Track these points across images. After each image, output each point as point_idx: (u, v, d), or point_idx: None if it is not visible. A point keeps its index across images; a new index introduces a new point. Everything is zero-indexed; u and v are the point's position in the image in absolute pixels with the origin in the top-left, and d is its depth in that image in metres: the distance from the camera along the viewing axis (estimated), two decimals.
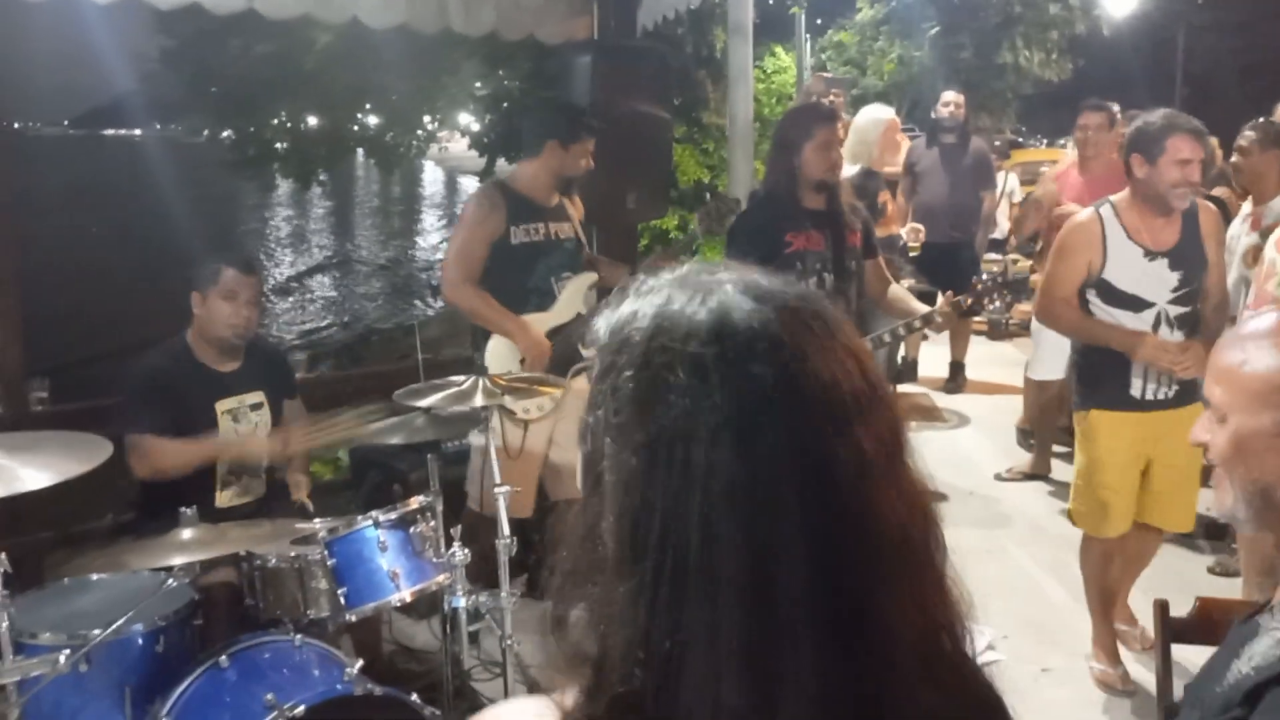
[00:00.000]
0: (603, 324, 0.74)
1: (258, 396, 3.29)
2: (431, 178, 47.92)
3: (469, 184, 40.73)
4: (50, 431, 2.55)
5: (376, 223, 33.83)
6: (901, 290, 3.84)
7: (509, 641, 2.75)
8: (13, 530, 2.25)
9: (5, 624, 2.23)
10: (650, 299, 0.73)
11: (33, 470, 2.21)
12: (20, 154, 3.47)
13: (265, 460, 3.25)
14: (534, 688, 3.24)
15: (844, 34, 16.42)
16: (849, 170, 4.77)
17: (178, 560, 2.52)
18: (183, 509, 2.50)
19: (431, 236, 28.66)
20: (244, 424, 3.24)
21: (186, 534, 2.46)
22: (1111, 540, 3.33)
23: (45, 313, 3.34)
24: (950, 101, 6.46)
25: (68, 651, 2.29)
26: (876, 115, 5.41)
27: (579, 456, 0.75)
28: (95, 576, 2.71)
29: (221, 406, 3.21)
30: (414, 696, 2.40)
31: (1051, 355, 4.95)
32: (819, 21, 16.85)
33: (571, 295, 3.72)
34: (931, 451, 5.38)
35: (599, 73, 3.92)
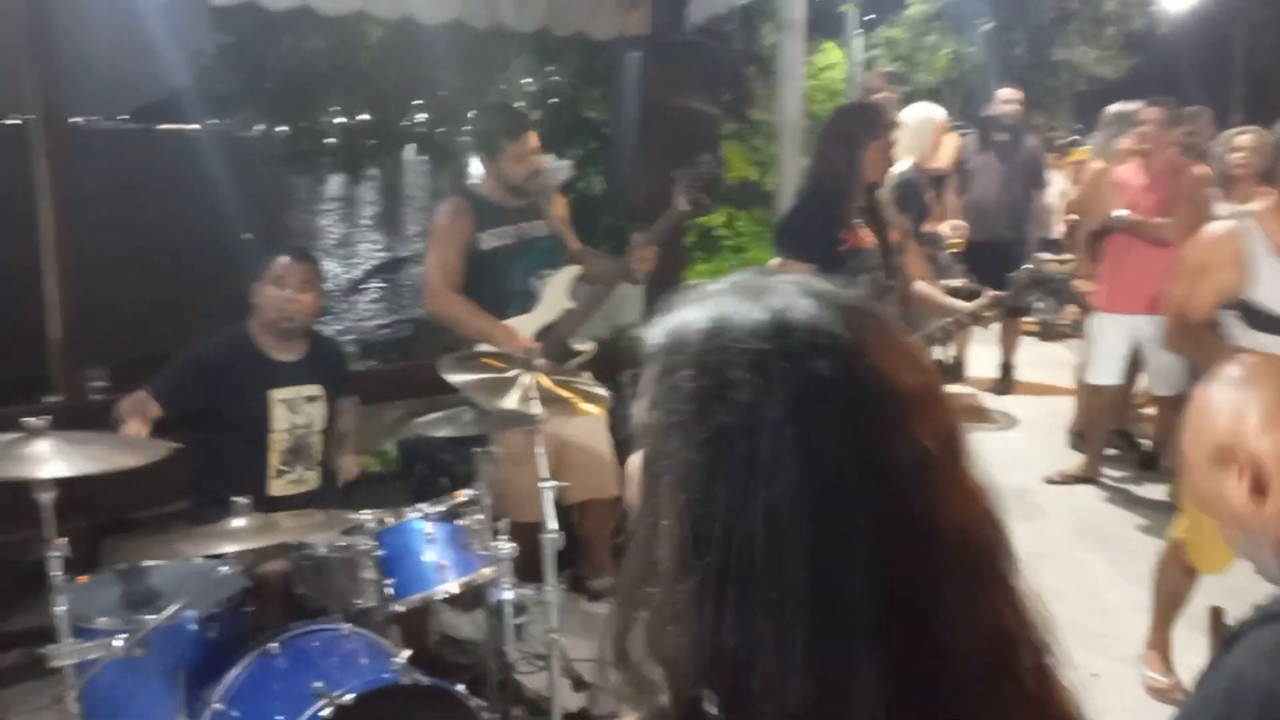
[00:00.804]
0: (659, 327, 0.74)
1: (315, 389, 3.33)
2: (479, 172, 48.13)
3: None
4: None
5: (423, 217, 34.06)
6: (928, 286, 3.80)
7: (554, 635, 2.77)
8: (71, 516, 2.30)
9: (65, 608, 2.29)
10: (708, 301, 0.73)
11: (93, 457, 2.26)
12: (80, 148, 3.55)
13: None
14: (578, 683, 3.26)
15: (895, 29, 16.28)
16: (901, 165, 4.73)
17: (230, 548, 2.57)
18: (236, 498, 2.54)
19: None
20: (299, 414, 3.28)
21: (239, 523, 2.50)
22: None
23: (102, 302, 3.41)
24: (1010, 99, 6.38)
25: (124, 636, 2.35)
26: (928, 114, 5.36)
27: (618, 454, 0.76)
28: (150, 563, 2.76)
29: (277, 395, 3.25)
30: (460, 688, 2.42)
31: (1106, 359, 4.87)
32: (870, 17, 16.71)
33: (554, 292, 3.74)
34: (979, 453, 5.31)
35: (649, 69, 3.91)
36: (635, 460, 0.75)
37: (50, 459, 2.21)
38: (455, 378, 2.84)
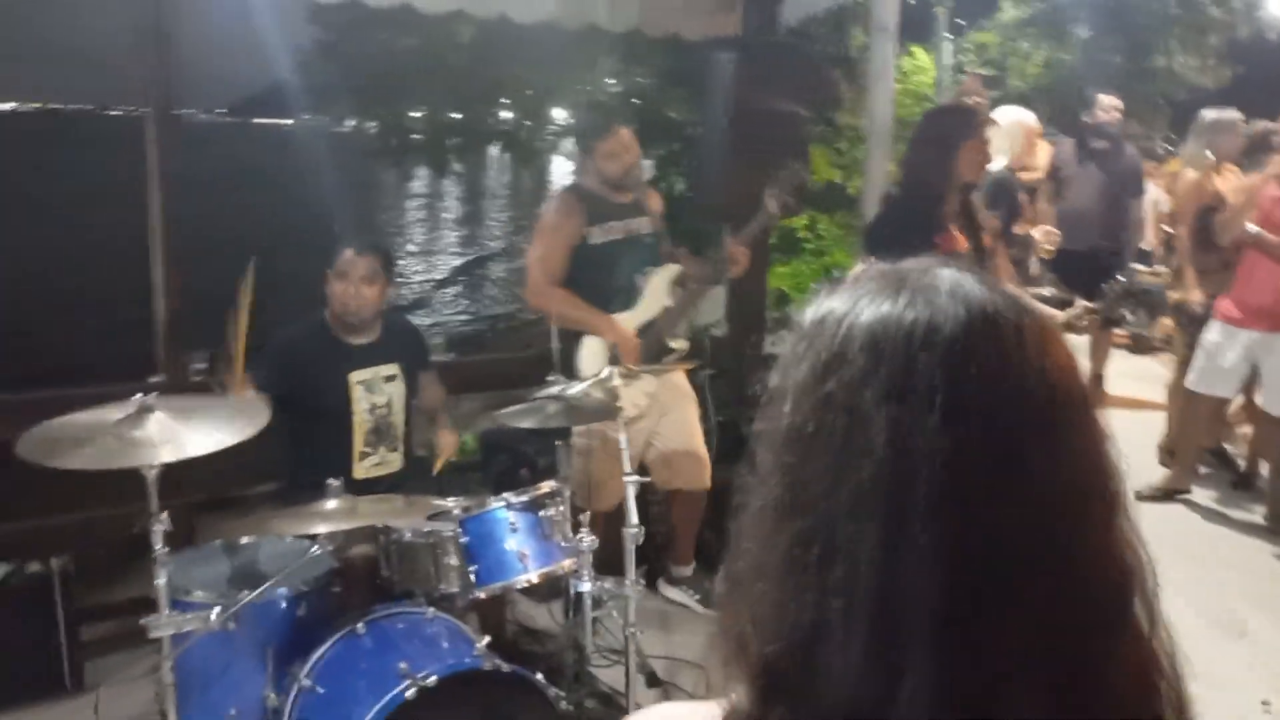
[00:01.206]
0: (806, 310, 0.73)
1: (392, 369, 3.40)
2: (561, 171, 48.59)
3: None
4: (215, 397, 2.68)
5: (504, 214, 34.50)
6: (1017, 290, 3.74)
7: (631, 629, 2.79)
8: (169, 493, 2.39)
9: (164, 580, 2.38)
10: (854, 290, 0.72)
11: (200, 435, 2.34)
12: (183, 139, 3.68)
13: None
14: (652, 678, 3.28)
15: (986, 34, 15.99)
16: (994, 165, 4.66)
17: (321, 529, 2.65)
18: (330, 480, 2.62)
19: None
20: (378, 395, 3.36)
21: (331, 504, 2.57)
22: None
23: (202, 289, 3.54)
24: (1111, 107, 6.23)
25: (218, 609, 2.43)
26: (1020, 117, 5.27)
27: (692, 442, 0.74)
28: (244, 540, 2.85)
29: (355, 377, 3.33)
30: (539, 676, 2.45)
31: (1217, 371, 4.75)
32: (960, 21, 16.44)
33: (655, 290, 3.75)
34: None
35: (740, 70, 3.91)
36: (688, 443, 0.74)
37: (161, 436, 2.29)
38: (565, 393, 2.92)
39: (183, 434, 2.34)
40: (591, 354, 3.69)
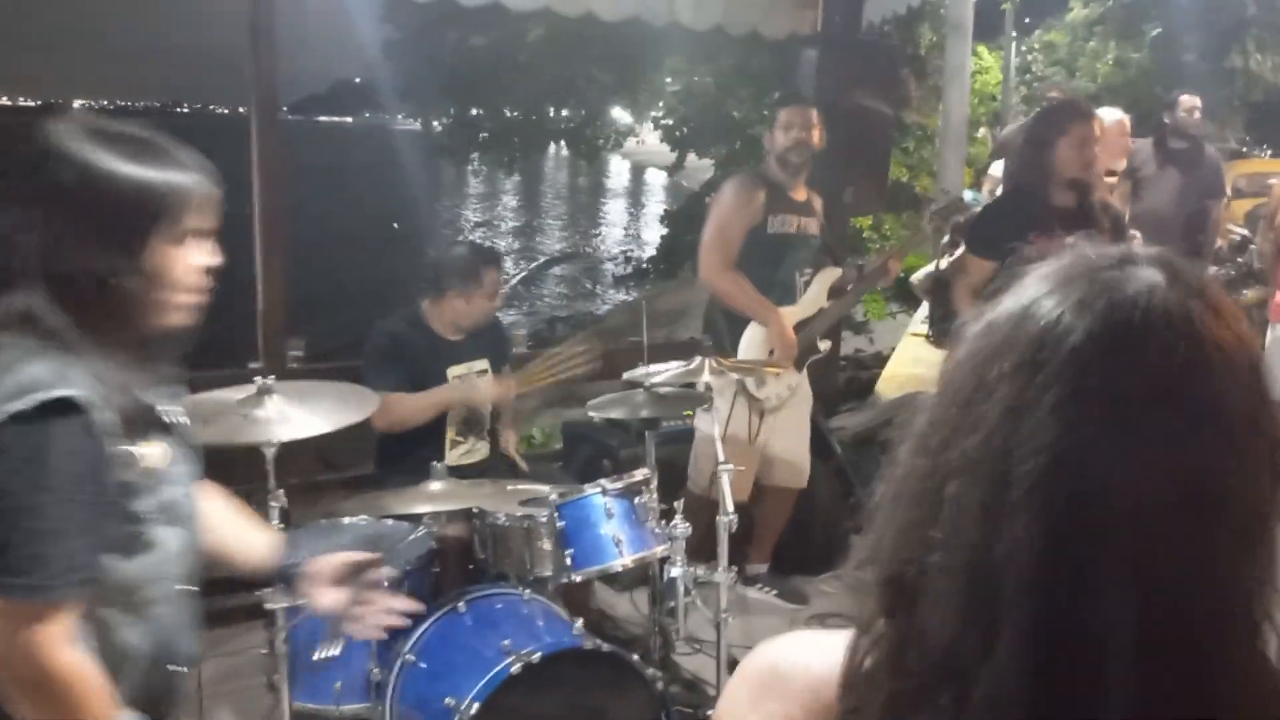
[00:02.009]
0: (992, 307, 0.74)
1: (483, 364, 3.51)
2: (617, 169, 48.75)
3: (654, 177, 41.34)
4: (328, 383, 2.78)
5: (563, 212, 34.74)
6: None
7: (724, 615, 2.84)
8: (264, 475, 2.50)
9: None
10: (1040, 274, 0.73)
11: (313, 417, 2.44)
12: (247, 136, 3.82)
13: (488, 402, 3.46)
14: (735, 667, 3.32)
15: (1054, 34, 15.79)
16: None
17: (422, 510, 2.74)
18: (434, 463, 2.70)
19: (615, 229, 29.23)
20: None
21: (436, 486, 2.65)
22: None
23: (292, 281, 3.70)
24: (1191, 106, 6.14)
25: None
26: (1107, 116, 5.22)
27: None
28: (346, 520, 2.95)
29: (452, 372, 3.43)
30: (635, 657, 2.51)
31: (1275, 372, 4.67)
32: (1027, 20, 16.26)
33: (818, 290, 3.80)
34: None
35: (825, 66, 3.95)
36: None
37: (280, 416, 2.39)
38: (651, 380, 2.98)
39: (299, 415, 2.44)
40: (753, 341, 3.73)
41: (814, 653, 0.80)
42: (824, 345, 3.80)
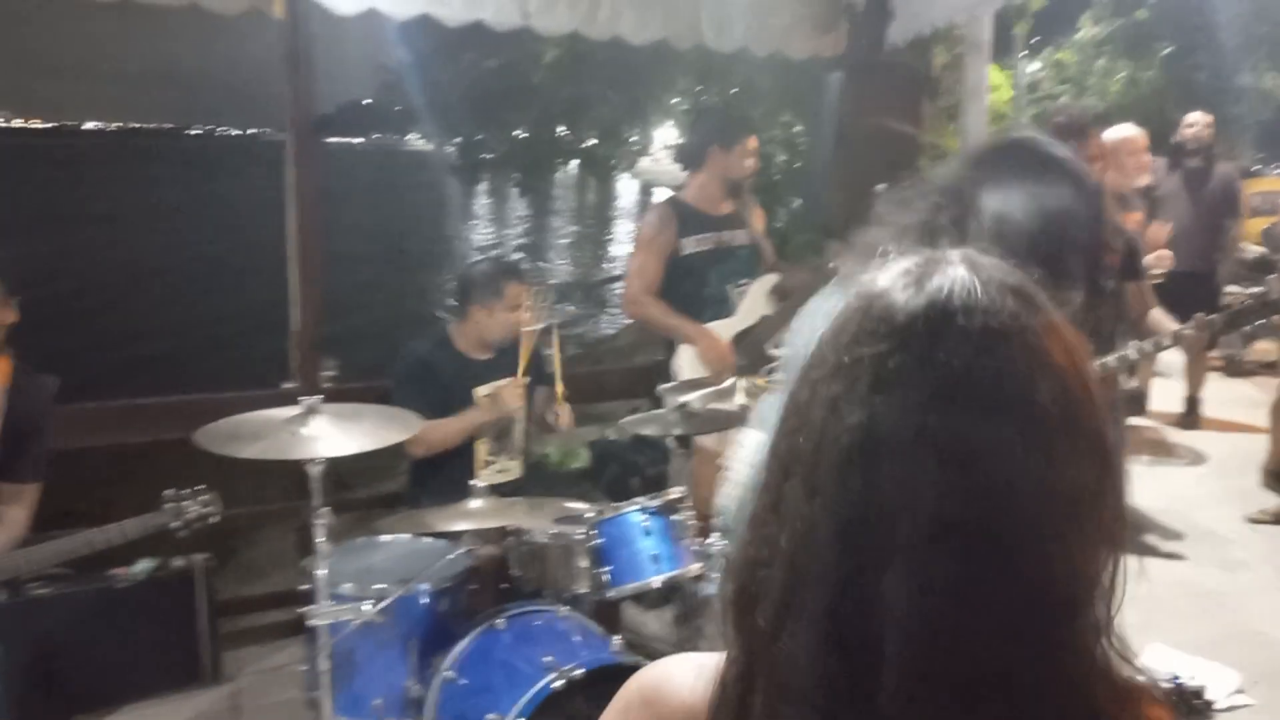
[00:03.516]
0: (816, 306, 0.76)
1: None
2: (627, 189, 48.87)
3: (664, 196, 41.33)
4: (370, 405, 2.82)
5: (573, 230, 34.86)
6: (1161, 315, 3.72)
7: None
8: (302, 494, 2.53)
9: (325, 572, 2.51)
10: (870, 271, 0.72)
11: (358, 436, 2.48)
12: (257, 158, 3.88)
13: (516, 409, 3.47)
14: None
15: (1064, 52, 15.84)
16: None
17: (459, 528, 2.77)
18: (474, 481, 2.73)
19: (624, 247, 29.35)
20: (500, 408, 3.48)
21: (474, 504, 2.68)
22: None
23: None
24: (1195, 123, 6.17)
25: (370, 602, 2.56)
26: (1119, 133, 5.24)
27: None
28: (384, 538, 2.98)
29: (479, 392, 3.46)
30: None
31: None
32: (1036, 39, 16.31)
33: (753, 300, 3.84)
34: (1168, 488, 5.16)
35: (849, 88, 3.99)
36: None
37: (325, 434, 2.43)
38: (681, 398, 3.00)
39: (342, 434, 2.48)
40: (687, 362, 3.78)
41: (694, 675, 0.77)
42: (780, 353, 3.81)
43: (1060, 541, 0.64)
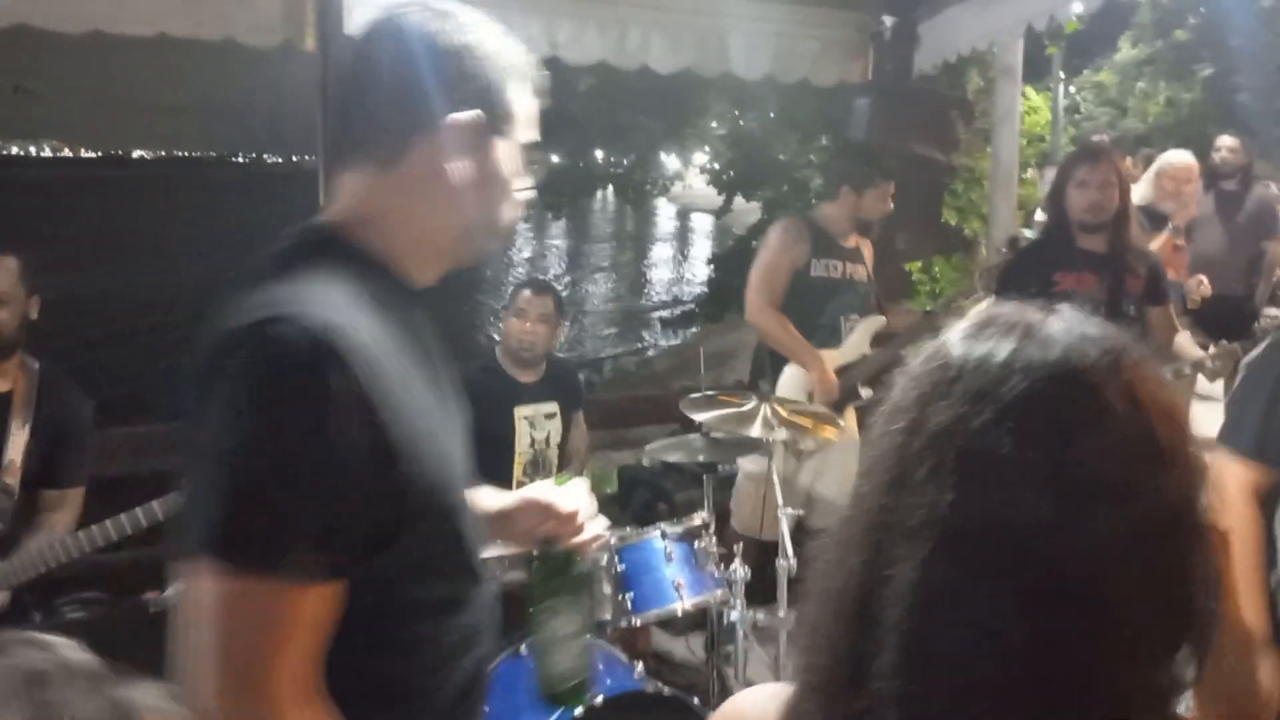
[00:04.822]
0: (924, 350, 0.77)
1: (552, 407, 3.59)
2: (665, 214, 49.11)
3: (700, 221, 41.58)
4: None
5: (611, 255, 35.04)
6: (1187, 340, 3.68)
7: (783, 660, 2.84)
8: None
9: None
10: (962, 327, 0.75)
11: None
12: (301, 185, 3.97)
13: (555, 447, 3.52)
14: None
15: (1103, 74, 15.75)
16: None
17: (486, 554, 2.79)
18: None
19: (662, 271, 29.43)
20: (539, 430, 3.54)
21: None
22: None
23: None
24: (1223, 146, 6.12)
25: None
26: (1166, 158, 5.21)
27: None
28: None
29: (520, 412, 3.53)
30: (695, 700, 2.53)
31: None
32: (1074, 61, 16.24)
33: (861, 336, 3.82)
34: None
35: (876, 114, 4.01)
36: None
37: None
38: (699, 415, 3.00)
39: None
40: (791, 381, 3.77)
41: (767, 698, 0.82)
42: (866, 392, 3.81)
43: (1055, 576, 0.65)
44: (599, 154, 13.92)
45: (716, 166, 13.34)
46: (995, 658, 0.64)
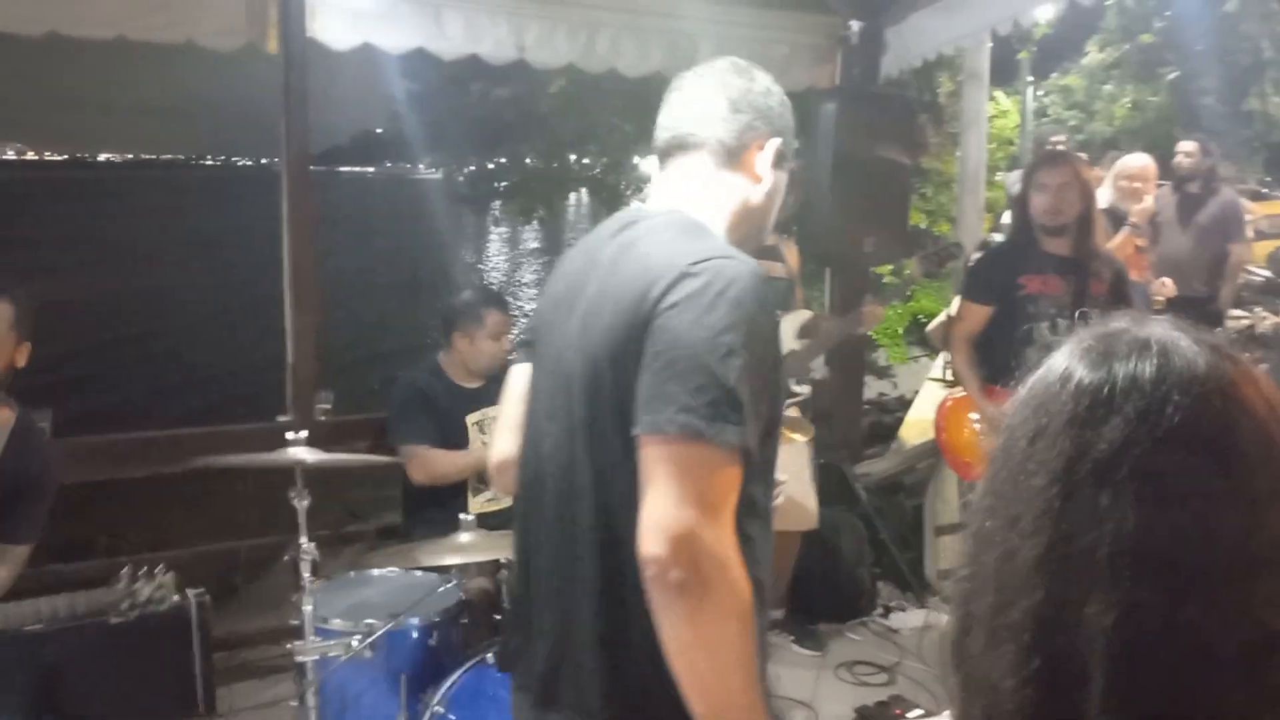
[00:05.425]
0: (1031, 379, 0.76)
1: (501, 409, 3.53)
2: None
3: None
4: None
5: None
6: None
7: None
8: (294, 527, 2.53)
9: (311, 607, 2.51)
10: (1071, 349, 0.75)
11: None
12: (270, 187, 3.94)
13: None
14: (779, 715, 3.31)
15: (1071, 78, 15.89)
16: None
17: (451, 561, 2.77)
18: (463, 515, 2.73)
19: None
20: (489, 434, 3.50)
21: (465, 538, 2.68)
22: None
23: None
24: (1181, 151, 6.19)
25: (359, 637, 2.56)
26: (1121, 160, 5.26)
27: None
28: (375, 572, 2.98)
29: (471, 419, 3.50)
30: None
31: None
32: (1043, 65, 16.37)
33: (785, 332, 3.81)
34: None
35: (843, 119, 4.01)
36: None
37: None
38: None
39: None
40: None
41: None
42: (801, 390, 3.81)
43: (1261, 581, 0.66)
44: (571, 157, 13.88)
45: None
46: (1212, 674, 0.65)
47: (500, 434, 1.75)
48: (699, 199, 1.56)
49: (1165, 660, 0.66)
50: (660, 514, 1.28)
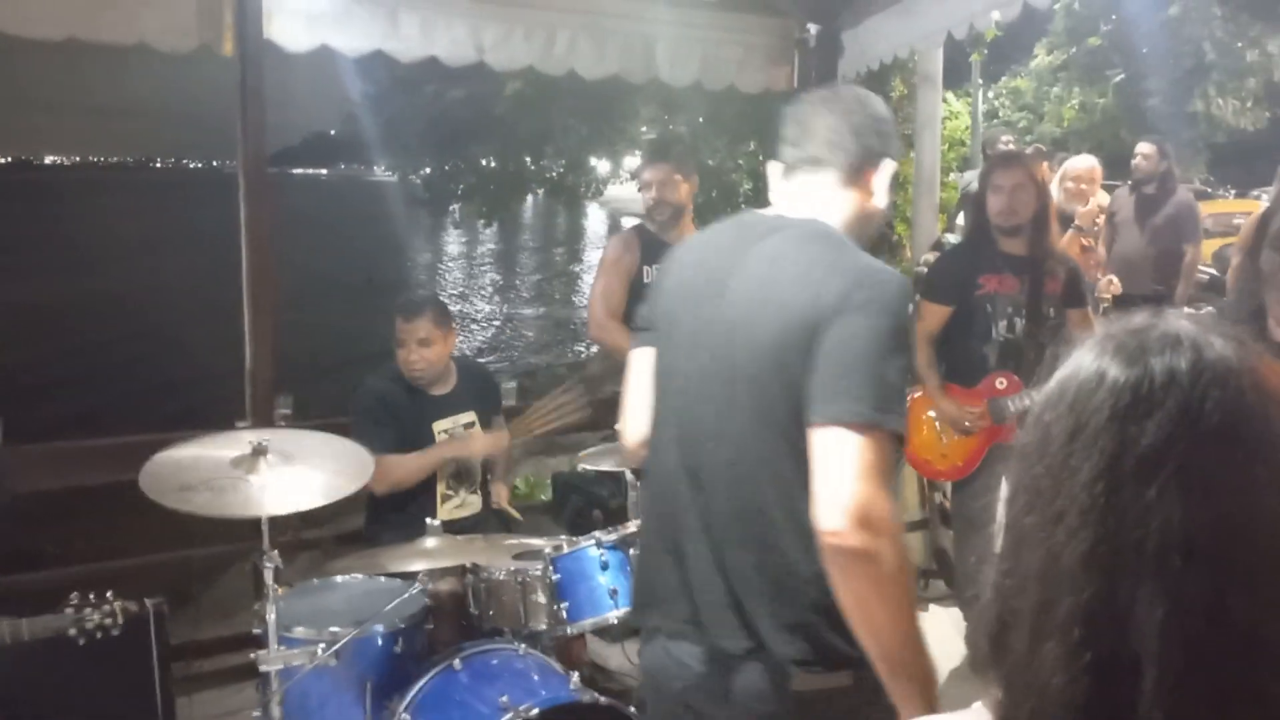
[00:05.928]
0: (1056, 377, 0.78)
1: (470, 416, 3.49)
2: (597, 218, 49.07)
3: (630, 224, 41.58)
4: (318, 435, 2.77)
5: (541, 260, 34.92)
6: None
7: None
8: (257, 534, 2.51)
9: (274, 615, 2.48)
10: (1098, 349, 0.76)
11: (312, 485, 2.46)
12: (225, 189, 3.89)
13: (482, 455, 3.46)
14: None
15: (1020, 80, 16.13)
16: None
17: (417, 567, 2.75)
18: (429, 520, 2.72)
19: (593, 276, 29.37)
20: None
21: (430, 543, 2.67)
22: None
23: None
24: (1139, 153, 6.31)
25: (323, 645, 2.53)
26: (1067, 161, 5.35)
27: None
28: (340, 579, 2.95)
29: (438, 426, 3.43)
30: (632, 709, 2.52)
31: None
32: (993, 67, 16.61)
33: None
34: None
35: None
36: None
37: (274, 483, 2.40)
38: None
39: (294, 483, 2.45)
40: None
41: None
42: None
43: None
44: (528, 159, 13.84)
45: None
46: (1262, 662, 0.67)
47: (632, 414, 1.93)
48: (827, 212, 1.76)
49: (1216, 650, 0.66)
50: (839, 490, 1.51)
